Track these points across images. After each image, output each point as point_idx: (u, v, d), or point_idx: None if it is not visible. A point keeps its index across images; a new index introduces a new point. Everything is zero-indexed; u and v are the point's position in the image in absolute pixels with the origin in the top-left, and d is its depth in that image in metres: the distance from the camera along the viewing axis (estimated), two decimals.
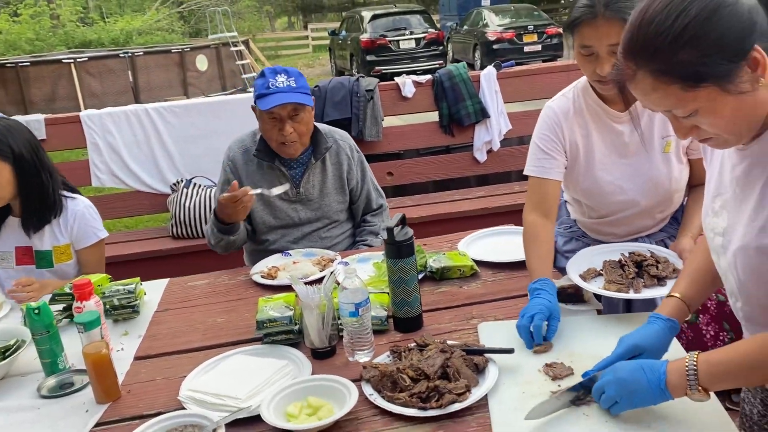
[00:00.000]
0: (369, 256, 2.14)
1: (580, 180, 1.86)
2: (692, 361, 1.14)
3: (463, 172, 4.14)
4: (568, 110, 1.83)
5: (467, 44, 16.38)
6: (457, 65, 4.05)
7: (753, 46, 0.98)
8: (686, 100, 1.02)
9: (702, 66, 0.98)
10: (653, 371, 1.16)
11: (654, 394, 1.16)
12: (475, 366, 1.43)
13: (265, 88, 2.17)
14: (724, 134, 1.06)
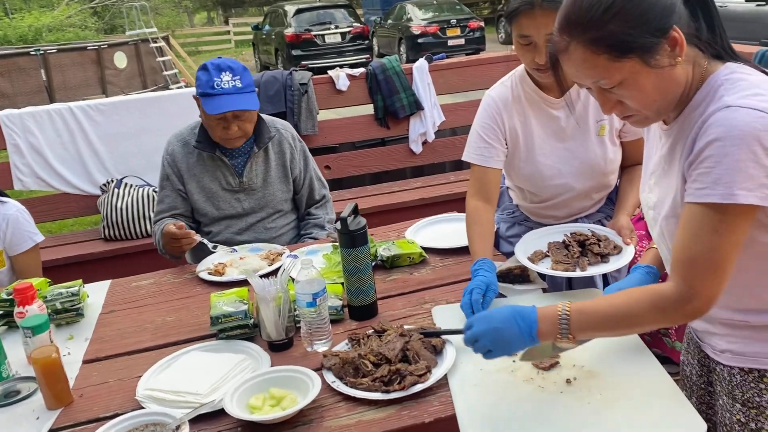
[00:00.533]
0: (317, 248, 2.15)
1: (521, 166, 1.93)
2: (565, 309, 1.21)
3: (400, 163, 4.19)
4: (507, 98, 1.89)
5: (392, 38, 16.51)
6: (389, 58, 4.09)
7: (673, 25, 1.07)
8: (612, 71, 1.11)
9: (628, 37, 1.07)
10: (525, 319, 1.22)
11: (525, 341, 1.23)
12: (433, 348, 1.47)
13: (210, 88, 2.14)
14: (644, 110, 1.15)
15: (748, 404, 1.25)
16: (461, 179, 4.04)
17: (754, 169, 1.02)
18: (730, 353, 1.27)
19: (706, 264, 1.09)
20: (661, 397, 1.26)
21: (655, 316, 1.16)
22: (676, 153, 1.19)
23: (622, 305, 1.19)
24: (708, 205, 1.06)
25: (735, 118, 1.03)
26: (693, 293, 1.10)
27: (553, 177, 1.91)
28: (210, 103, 2.13)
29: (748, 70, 1.12)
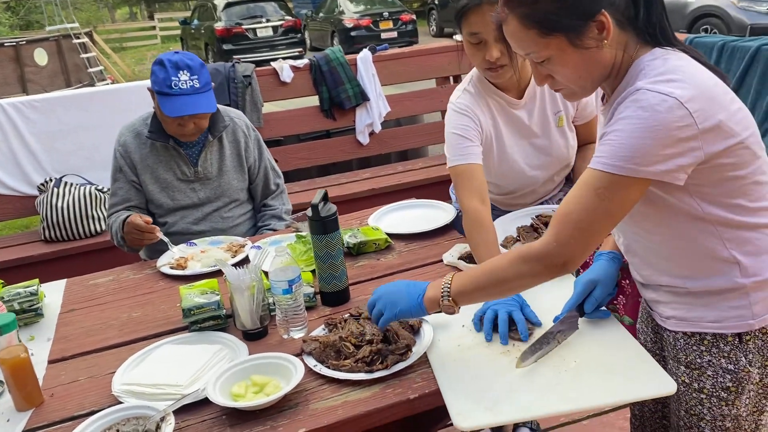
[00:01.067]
0: (280, 238, 2.14)
1: (495, 164, 1.96)
2: (449, 277, 1.34)
3: (346, 155, 4.20)
4: (476, 101, 1.88)
5: (324, 31, 16.43)
6: (332, 49, 4.09)
7: (601, 10, 1.14)
8: (540, 46, 1.19)
9: (556, 16, 1.15)
10: (416, 287, 1.37)
11: (413, 307, 1.35)
12: (411, 327, 1.50)
13: (168, 87, 2.10)
14: (571, 85, 1.24)
15: (691, 366, 1.33)
16: (408, 169, 4.09)
17: (651, 146, 1.09)
18: (675, 319, 1.35)
19: (577, 222, 1.17)
20: (632, 360, 1.33)
21: (519, 267, 1.24)
22: None
23: (494, 263, 1.29)
24: (598, 171, 1.15)
25: (642, 100, 1.11)
26: (558, 249, 1.19)
27: (524, 171, 1.98)
28: (168, 104, 2.10)
29: (674, 55, 1.18)
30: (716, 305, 1.27)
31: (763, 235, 1.24)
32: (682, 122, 1.10)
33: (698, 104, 1.11)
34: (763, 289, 1.25)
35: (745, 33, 10.66)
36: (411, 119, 4.42)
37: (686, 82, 1.12)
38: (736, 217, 1.21)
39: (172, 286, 1.91)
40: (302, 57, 12.72)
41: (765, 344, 1.28)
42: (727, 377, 1.30)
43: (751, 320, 1.26)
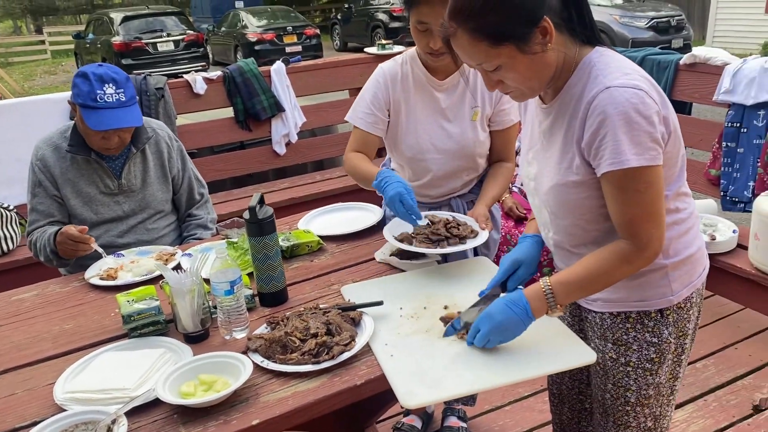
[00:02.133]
0: (210, 245, 2.15)
1: (403, 136, 2.10)
2: (547, 284, 1.37)
3: (263, 166, 4.22)
4: (396, 73, 2.07)
5: (227, 46, 16.25)
6: (246, 61, 4.10)
7: (544, 17, 1.24)
8: (492, 56, 1.27)
9: (504, 27, 1.23)
10: (517, 305, 1.37)
11: (525, 322, 1.38)
12: (352, 320, 1.57)
13: (92, 100, 2.07)
14: (521, 87, 1.33)
15: (618, 342, 1.48)
16: (326, 178, 4.17)
17: (638, 137, 1.21)
18: (601, 301, 1.49)
19: (646, 218, 1.27)
20: (556, 336, 1.47)
21: (625, 267, 1.32)
22: (558, 129, 1.37)
23: (595, 266, 1.34)
24: (620, 172, 1.24)
25: (615, 97, 1.22)
26: (645, 243, 1.29)
27: (429, 151, 2.08)
28: (92, 117, 2.07)
29: (612, 53, 1.33)
30: (640, 285, 1.42)
31: (681, 220, 1.40)
32: (653, 109, 1.23)
33: (654, 94, 1.25)
34: (680, 268, 1.42)
35: (628, 46, 11.51)
36: (326, 129, 4.49)
37: (638, 75, 1.26)
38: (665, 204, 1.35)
39: (103, 297, 1.89)
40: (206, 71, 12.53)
41: (680, 317, 1.45)
42: (651, 350, 1.45)
43: (671, 296, 1.42)
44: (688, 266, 1.43)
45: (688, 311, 1.46)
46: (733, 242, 2.88)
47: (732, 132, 3.14)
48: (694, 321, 1.50)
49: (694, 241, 1.45)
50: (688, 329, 1.49)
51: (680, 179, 1.39)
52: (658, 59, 3.50)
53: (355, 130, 2.12)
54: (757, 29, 12.40)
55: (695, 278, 1.45)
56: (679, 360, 1.50)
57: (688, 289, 1.44)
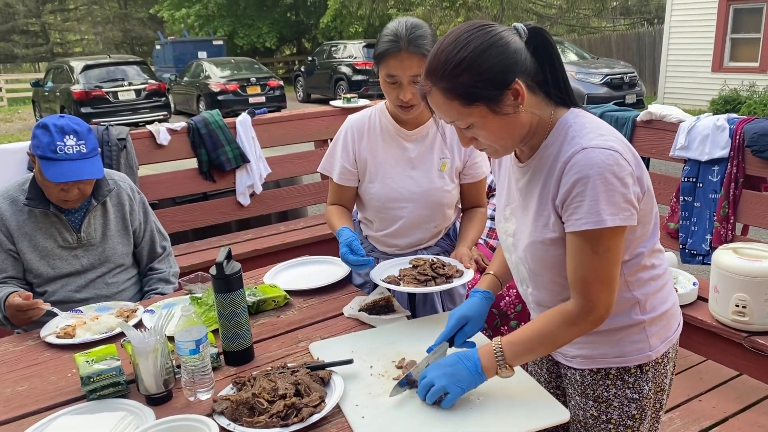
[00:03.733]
0: (174, 301, 2.09)
1: (369, 186, 2.12)
2: (498, 344, 1.40)
3: (226, 217, 4.16)
4: (363, 125, 2.11)
5: (190, 95, 16.26)
6: (211, 112, 4.09)
7: (515, 79, 1.27)
8: (464, 115, 1.30)
9: (475, 89, 1.26)
10: (469, 359, 1.39)
11: (474, 378, 1.39)
12: (321, 380, 1.53)
13: (52, 152, 2.03)
14: (494, 145, 1.36)
15: (599, 399, 1.48)
16: (291, 229, 4.13)
17: (615, 197, 1.23)
18: (581, 358, 1.49)
19: (593, 280, 1.29)
20: (530, 394, 1.46)
21: (569, 330, 1.34)
22: (534, 187, 1.39)
23: (542, 328, 1.37)
24: (585, 232, 1.26)
25: (591, 158, 1.24)
26: (591, 305, 1.31)
27: (397, 200, 2.10)
28: (52, 169, 2.03)
29: (587, 114, 1.37)
30: (619, 341, 1.43)
31: (657, 276, 1.42)
32: (627, 171, 1.25)
33: (629, 156, 1.28)
34: (657, 323, 1.43)
35: (584, 101, 11.92)
36: (291, 180, 4.48)
37: (613, 136, 1.29)
38: (639, 261, 1.38)
39: (60, 356, 1.81)
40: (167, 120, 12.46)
41: (658, 372, 1.46)
42: (632, 406, 1.45)
43: (650, 352, 1.42)
44: (664, 321, 1.45)
45: (665, 366, 1.47)
46: (694, 295, 2.93)
47: (688, 186, 3.25)
48: (670, 376, 1.52)
49: (669, 296, 1.47)
50: (665, 384, 1.49)
51: (654, 236, 1.42)
52: (616, 116, 3.62)
53: (331, 182, 2.18)
54: (705, 86, 13.01)
55: (671, 333, 1.47)
56: (657, 416, 1.50)
57: (665, 344, 1.45)
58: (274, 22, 26.97)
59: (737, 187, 3.07)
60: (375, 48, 1.95)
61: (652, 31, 17.52)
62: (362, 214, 2.24)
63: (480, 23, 1.31)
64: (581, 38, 18.73)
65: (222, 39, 23.25)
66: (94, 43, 35.40)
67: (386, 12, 22.23)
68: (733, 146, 3.05)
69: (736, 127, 3.06)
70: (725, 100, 11.87)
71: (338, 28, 25.60)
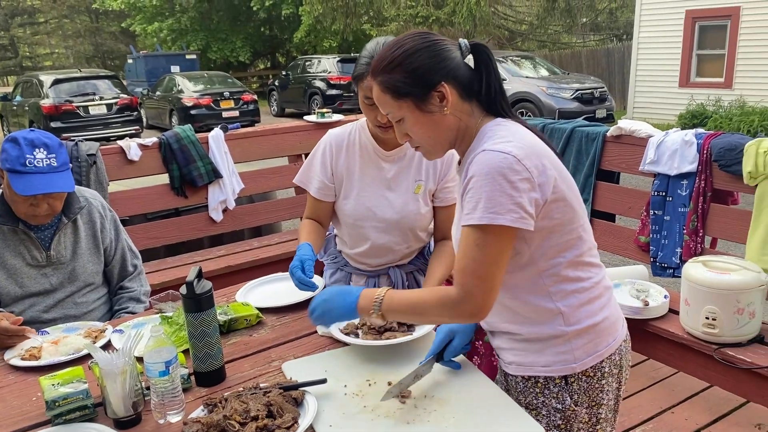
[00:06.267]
0: (144, 320, 2.05)
1: (344, 202, 2.12)
2: (382, 294, 1.48)
3: (198, 233, 4.11)
4: (342, 141, 2.11)
5: (162, 110, 16.15)
6: (183, 127, 4.05)
7: (441, 82, 1.38)
8: (395, 108, 1.43)
9: (403, 84, 1.39)
10: (350, 293, 1.53)
11: (347, 309, 1.52)
12: (294, 400, 1.51)
13: (21, 165, 1.99)
14: (424, 143, 1.46)
15: (530, 407, 1.50)
16: (264, 245, 4.10)
17: (501, 198, 1.29)
18: (515, 364, 1.52)
19: (473, 273, 1.34)
20: (501, 409, 1.45)
21: (441, 310, 1.40)
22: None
23: (421, 297, 1.46)
24: (471, 227, 1.33)
25: (485, 159, 1.32)
26: (466, 297, 1.35)
27: (369, 219, 2.09)
28: (21, 182, 1.99)
29: (512, 124, 1.42)
30: (545, 351, 1.45)
31: (583, 289, 1.45)
32: (521, 175, 1.30)
33: (532, 162, 1.32)
34: (583, 336, 1.45)
35: (555, 116, 12.08)
36: (264, 195, 4.45)
37: (521, 142, 1.34)
38: (560, 272, 1.41)
39: (24, 379, 1.76)
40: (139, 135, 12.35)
41: (590, 386, 1.47)
42: (557, 416, 1.47)
43: (574, 364, 1.45)
44: (592, 335, 1.45)
45: (599, 380, 1.47)
46: (665, 308, 2.96)
47: (658, 200, 3.29)
48: (613, 391, 1.52)
49: (600, 311, 1.47)
50: (602, 399, 1.49)
51: (579, 248, 1.43)
52: (586, 131, 3.67)
53: (309, 196, 2.17)
54: (673, 101, 13.28)
55: (602, 347, 1.47)
56: (594, 430, 1.51)
57: (594, 358, 1.46)
58: (247, 37, 26.96)
59: (705, 201, 3.12)
60: (353, 69, 1.95)
61: (621, 47, 17.88)
62: (337, 230, 2.23)
63: (423, 31, 1.45)
64: (552, 54, 19.02)
65: (195, 53, 23.16)
66: (65, 57, 35.03)
67: (360, 27, 22.36)
68: (700, 161, 3.11)
69: (703, 142, 3.11)
70: (692, 115, 12.13)
71: (312, 43, 25.67)
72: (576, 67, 17.39)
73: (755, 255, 2.90)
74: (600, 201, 3.66)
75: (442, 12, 19.32)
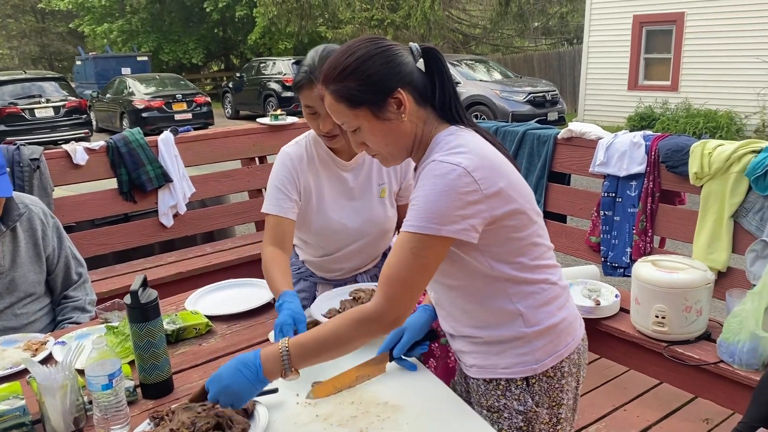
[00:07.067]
0: (88, 331, 1.98)
1: (312, 219, 2.06)
2: (284, 345, 1.38)
3: (148, 239, 4.00)
4: (302, 156, 2.02)
5: (113, 113, 15.78)
6: (131, 130, 3.94)
7: (397, 88, 1.35)
8: (350, 117, 1.38)
9: (359, 92, 1.35)
10: (248, 366, 1.36)
11: (256, 386, 1.37)
12: (245, 411, 1.47)
13: None
14: (381, 151, 1.43)
15: (491, 409, 1.50)
16: (217, 250, 4.02)
17: (445, 208, 1.28)
18: (476, 367, 1.51)
19: (402, 280, 1.32)
20: (456, 415, 1.45)
21: (359, 330, 1.36)
22: None
23: (332, 328, 1.38)
24: (409, 233, 1.31)
25: (434, 169, 1.31)
26: (388, 306, 1.33)
27: (340, 231, 2.07)
28: None
29: (465, 132, 1.40)
30: (506, 353, 1.45)
31: (541, 290, 1.45)
32: (469, 188, 1.29)
33: (482, 173, 1.31)
34: (543, 337, 1.45)
35: (509, 118, 12.25)
36: (217, 200, 4.37)
37: (472, 153, 1.33)
38: (518, 274, 1.41)
39: None
40: (88, 139, 12.02)
41: (551, 387, 1.47)
42: (519, 417, 1.47)
43: (535, 365, 1.45)
44: (551, 336, 1.46)
45: (559, 380, 1.48)
46: (616, 307, 3.01)
47: (608, 201, 3.35)
48: (571, 391, 1.53)
49: (559, 311, 1.48)
50: (563, 399, 1.50)
51: (536, 251, 1.44)
52: (537, 134, 3.71)
53: (268, 219, 1.98)
54: (622, 104, 13.62)
55: (561, 347, 1.48)
56: (555, 430, 1.51)
57: (553, 358, 1.46)
58: (200, 38, 26.56)
59: (654, 201, 3.19)
60: (294, 77, 1.92)
61: (572, 50, 18.25)
62: (299, 236, 2.17)
63: (373, 36, 1.41)
64: (505, 57, 19.28)
65: (147, 55, 22.69)
66: (9, 58, 33.89)
67: (315, 30, 22.27)
68: (649, 162, 3.17)
69: (651, 144, 3.18)
70: (641, 117, 12.46)
71: (267, 45, 25.45)
72: (528, 70, 17.67)
73: (702, 254, 2.98)
74: (552, 202, 3.71)
75: (397, 15, 19.40)
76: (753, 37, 11.68)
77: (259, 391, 1.39)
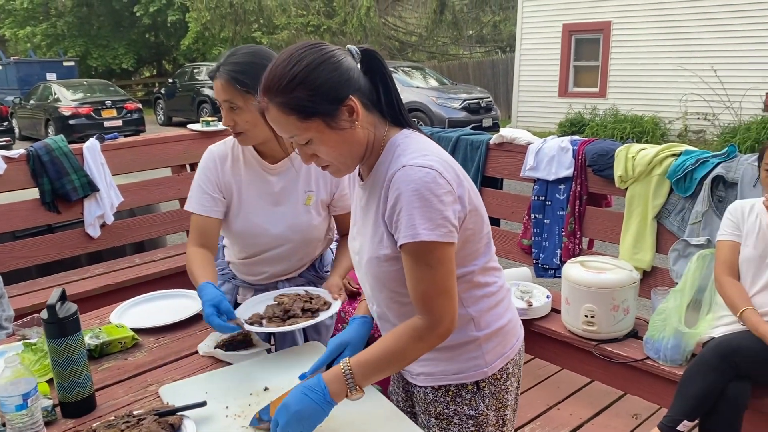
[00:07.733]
0: (4, 349, 1.87)
1: (233, 221, 2.02)
2: (347, 366, 1.34)
3: (74, 250, 3.84)
4: (226, 156, 1.99)
5: (37, 120, 15.15)
6: (54, 138, 3.77)
7: (349, 96, 1.29)
8: (302, 130, 1.30)
9: (310, 103, 1.27)
10: (315, 391, 1.32)
11: (324, 408, 1.32)
12: (171, 426, 1.42)
13: None
14: (335, 162, 1.37)
15: (440, 417, 1.49)
16: (147, 261, 3.90)
17: (429, 213, 1.26)
18: (423, 375, 1.50)
19: (434, 294, 1.30)
20: (391, 425, 1.43)
21: (417, 345, 1.34)
22: (371, 205, 1.41)
23: (391, 345, 1.35)
24: (411, 247, 1.28)
25: (409, 175, 1.27)
26: (437, 319, 1.31)
27: (261, 235, 2.02)
28: None
29: (417, 135, 1.40)
30: (457, 358, 1.45)
31: (491, 293, 1.46)
32: (445, 189, 1.27)
33: (450, 174, 1.30)
34: (493, 339, 1.46)
35: (445, 124, 12.42)
36: (146, 209, 4.24)
37: (436, 155, 1.32)
38: (472, 278, 1.41)
39: None
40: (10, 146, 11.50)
41: (498, 389, 1.48)
42: (470, 423, 1.47)
43: (485, 368, 1.45)
44: (500, 338, 1.48)
45: (505, 382, 1.50)
46: (548, 307, 3.08)
47: (538, 204, 3.43)
48: (514, 392, 1.55)
49: (505, 313, 1.50)
50: (508, 400, 1.52)
51: (487, 254, 1.45)
52: (471, 139, 3.77)
53: (193, 218, 1.96)
54: (553, 110, 14.01)
55: (508, 349, 1.50)
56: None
57: (502, 360, 1.48)
58: (131, 43, 25.83)
59: (582, 204, 3.28)
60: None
61: (505, 58, 18.66)
62: (227, 237, 2.14)
63: (313, 42, 1.33)
64: (441, 65, 19.55)
65: (73, 60, 21.86)
66: None
67: (251, 35, 22.01)
68: (576, 166, 3.27)
69: (578, 148, 3.27)
70: (571, 123, 12.86)
71: (201, 50, 24.98)
72: (463, 77, 17.96)
73: (628, 254, 3.09)
74: (485, 206, 3.76)
75: (333, 21, 19.42)
76: (676, 46, 12.25)
77: (327, 414, 1.33)
